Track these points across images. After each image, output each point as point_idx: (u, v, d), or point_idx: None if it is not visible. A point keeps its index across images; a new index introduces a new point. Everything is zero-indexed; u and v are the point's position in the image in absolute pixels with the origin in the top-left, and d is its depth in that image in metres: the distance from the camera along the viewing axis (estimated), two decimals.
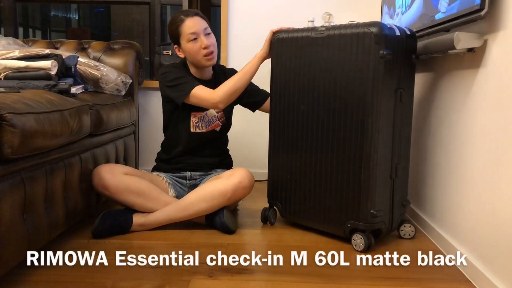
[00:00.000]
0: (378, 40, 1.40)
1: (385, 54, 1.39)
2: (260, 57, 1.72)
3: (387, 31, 1.42)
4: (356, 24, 1.45)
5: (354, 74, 1.46)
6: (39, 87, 1.59)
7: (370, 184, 1.46)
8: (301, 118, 1.61)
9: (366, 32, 1.42)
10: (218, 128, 1.85)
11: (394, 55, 1.43)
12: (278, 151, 1.71)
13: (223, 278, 1.29)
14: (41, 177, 1.32)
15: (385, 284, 1.29)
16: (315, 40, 1.55)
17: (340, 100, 1.50)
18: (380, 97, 1.43)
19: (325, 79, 1.53)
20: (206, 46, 1.72)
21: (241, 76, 1.71)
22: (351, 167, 1.49)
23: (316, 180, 1.58)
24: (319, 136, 1.57)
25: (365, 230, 1.48)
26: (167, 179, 1.82)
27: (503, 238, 1.16)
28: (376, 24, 1.42)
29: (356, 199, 1.48)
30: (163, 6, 2.82)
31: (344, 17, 1.69)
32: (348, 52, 1.46)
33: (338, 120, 1.51)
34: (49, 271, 1.28)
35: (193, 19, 1.73)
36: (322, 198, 1.58)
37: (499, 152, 1.21)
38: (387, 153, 1.50)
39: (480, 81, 1.33)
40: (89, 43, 2.41)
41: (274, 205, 1.75)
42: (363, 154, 1.45)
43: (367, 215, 1.47)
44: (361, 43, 1.43)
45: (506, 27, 1.19)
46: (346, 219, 1.51)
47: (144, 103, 2.60)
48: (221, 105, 1.72)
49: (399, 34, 1.47)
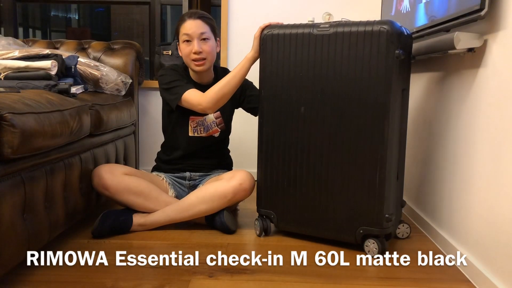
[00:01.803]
0: (393, 39, 1.35)
1: (400, 53, 1.35)
2: (250, 58, 1.63)
3: (399, 29, 1.38)
4: (366, 22, 1.39)
5: (367, 74, 1.38)
6: (39, 87, 1.59)
7: (385, 188, 1.40)
8: (302, 121, 1.51)
9: (381, 30, 1.35)
10: (216, 134, 1.83)
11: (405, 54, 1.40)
12: (271, 156, 1.58)
13: (223, 278, 1.29)
14: (41, 177, 1.32)
15: (385, 284, 1.29)
16: (319, 38, 1.46)
17: (350, 101, 1.42)
18: (394, 98, 1.39)
19: (331, 79, 1.44)
20: (196, 52, 1.69)
21: (229, 80, 1.65)
22: (365, 171, 1.42)
23: (321, 186, 1.49)
24: (324, 140, 1.47)
25: (379, 235, 1.43)
26: (167, 179, 1.82)
27: (503, 238, 1.16)
28: (388, 22, 1.36)
29: (370, 204, 1.42)
30: (163, 6, 2.83)
31: (344, 17, 1.69)
32: (360, 50, 1.39)
33: (348, 123, 1.43)
34: (49, 271, 1.28)
35: (193, 21, 1.71)
36: (329, 205, 1.49)
37: (499, 152, 1.21)
38: (396, 154, 1.48)
39: (480, 81, 1.33)
40: (89, 43, 2.41)
41: (266, 215, 1.63)
42: (378, 157, 1.39)
43: (382, 220, 1.41)
44: (376, 42, 1.36)
45: (506, 27, 1.19)
46: (358, 225, 1.44)
47: (144, 103, 2.60)
48: (210, 110, 1.68)
49: (406, 34, 1.45)
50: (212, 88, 1.67)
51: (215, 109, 1.70)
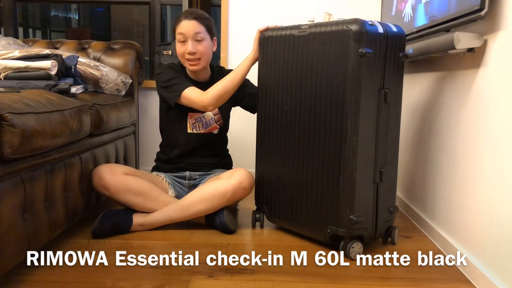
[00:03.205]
0: (358, 38, 1.34)
1: (365, 52, 1.33)
2: (251, 58, 1.68)
3: (368, 28, 1.35)
4: (336, 22, 1.40)
5: (334, 73, 1.40)
6: (39, 87, 1.59)
7: (349, 189, 1.40)
8: (284, 119, 1.56)
9: (345, 30, 1.36)
10: (215, 130, 1.85)
11: (376, 53, 1.37)
12: (263, 152, 1.66)
13: (223, 278, 1.29)
14: (41, 177, 1.32)
15: (385, 284, 1.29)
16: (298, 39, 1.49)
17: (321, 100, 1.44)
18: (361, 97, 1.37)
19: (307, 78, 1.48)
20: (190, 52, 1.72)
21: (231, 79, 1.69)
22: (330, 171, 1.43)
23: (298, 183, 1.54)
24: (301, 138, 1.51)
25: (345, 236, 1.42)
26: (167, 179, 1.82)
27: (503, 238, 1.17)
28: (356, 21, 1.36)
29: (335, 204, 1.43)
30: (163, 6, 2.82)
31: (344, 17, 1.69)
32: (328, 50, 1.41)
33: (319, 122, 1.45)
34: (49, 271, 1.28)
35: (188, 21, 1.72)
36: (303, 202, 1.53)
37: (499, 152, 1.21)
38: (369, 156, 1.43)
39: (480, 81, 1.33)
40: (89, 43, 2.41)
41: (261, 208, 1.72)
42: (341, 157, 1.40)
43: (347, 221, 1.41)
44: (340, 41, 1.37)
45: (506, 27, 1.19)
46: (326, 225, 1.46)
47: (144, 103, 2.60)
48: (210, 107, 1.70)
49: (382, 32, 1.39)
50: (214, 86, 1.70)
51: (216, 107, 1.73)
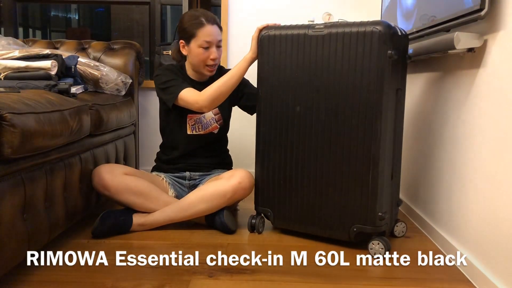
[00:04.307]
0: (386, 39, 1.37)
1: (393, 54, 1.36)
2: (248, 59, 1.64)
3: (392, 30, 1.39)
4: (360, 23, 1.42)
5: (360, 74, 1.41)
6: (39, 87, 1.59)
7: (378, 186, 1.43)
8: (297, 120, 1.54)
9: (373, 31, 1.37)
10: (216, 130, 1.84)
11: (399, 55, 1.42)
12: (268, 155, 1.61)
13: (223, 278, 1.29)
14: (41, 177, 1.32)
15: (385, 284, 1.29)
16: (314, 38, 1.48)
17: (344, 101, 1.44)
18: (387, 98, 1.40)
19: (326, 79, 1.47)
20: (214, 59, 1.72)
21: (227, 80, 1.66)
22: (357, 170, 1.44)
23: (316, 184, 1.52)
24: (319, 139, 1.50)
25: (372, 233, 1.45)
26: (167, 179, 1.82)
27: (503, 238, 1.16)
28: (381, 22, 1.38)
29: (363, 202, 1.44)
30: (163, 6, 2.83)
31: (345, 18, 1.69)
32: (353, 51, 1.41)
33: (342, 122, 1.45)
34: (49, 271, 1.28)
35: (212, 27, 1.71)
36: (323, 203, 1.52)
37: (499, 152, 1.21)
38: (390, 154, 1.48)
39: (480, 81, 1.33)
40: (89, 43, 2.41)
41: (264, 213, 1.67)
42: (371, 156, 1.41)
43: (375, 218, 1.44)
44: (368, 42, 1.38)
45: (506, 27, 1.19)
46: (352, 223, 1.47)
47: (144, 103, 2.60)
48: (206, 109, 1.69)
49: (400, 34, 1.45)
50: (209, 87, 1.68)
51: (212, 108, 1.71)
